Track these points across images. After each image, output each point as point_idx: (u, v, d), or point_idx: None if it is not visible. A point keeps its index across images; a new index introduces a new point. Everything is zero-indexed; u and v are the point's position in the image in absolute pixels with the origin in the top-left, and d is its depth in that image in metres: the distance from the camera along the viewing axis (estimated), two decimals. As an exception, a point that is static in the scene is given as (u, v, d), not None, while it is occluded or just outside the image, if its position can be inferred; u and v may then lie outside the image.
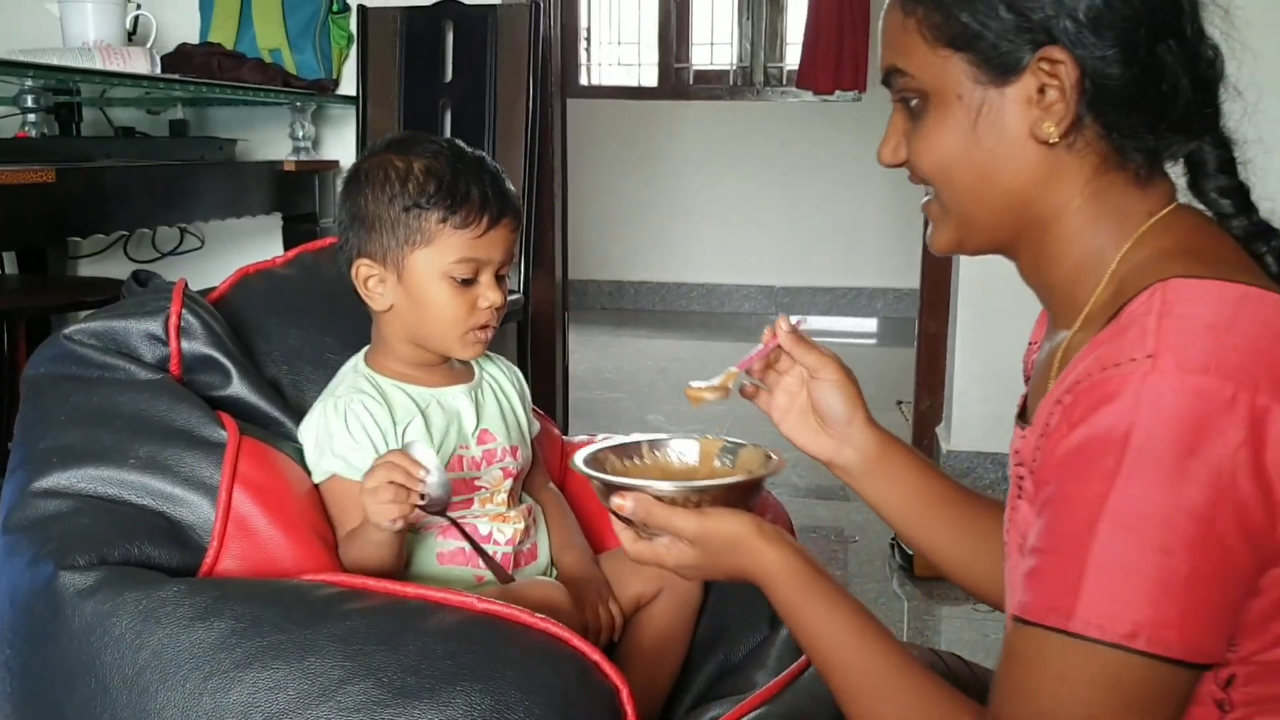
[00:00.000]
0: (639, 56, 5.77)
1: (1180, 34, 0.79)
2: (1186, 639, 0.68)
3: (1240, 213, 0.83)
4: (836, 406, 1.01)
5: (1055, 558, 0.71)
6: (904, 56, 0.84)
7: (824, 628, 0.86)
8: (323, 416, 1.16)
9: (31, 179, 1.77)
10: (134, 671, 0.90)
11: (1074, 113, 0.79)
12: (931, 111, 0.84)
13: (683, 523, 0.89)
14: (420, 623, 0.93)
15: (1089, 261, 0.82)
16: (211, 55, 2.68)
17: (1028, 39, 0.79)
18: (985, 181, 0.83)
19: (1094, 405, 0.71)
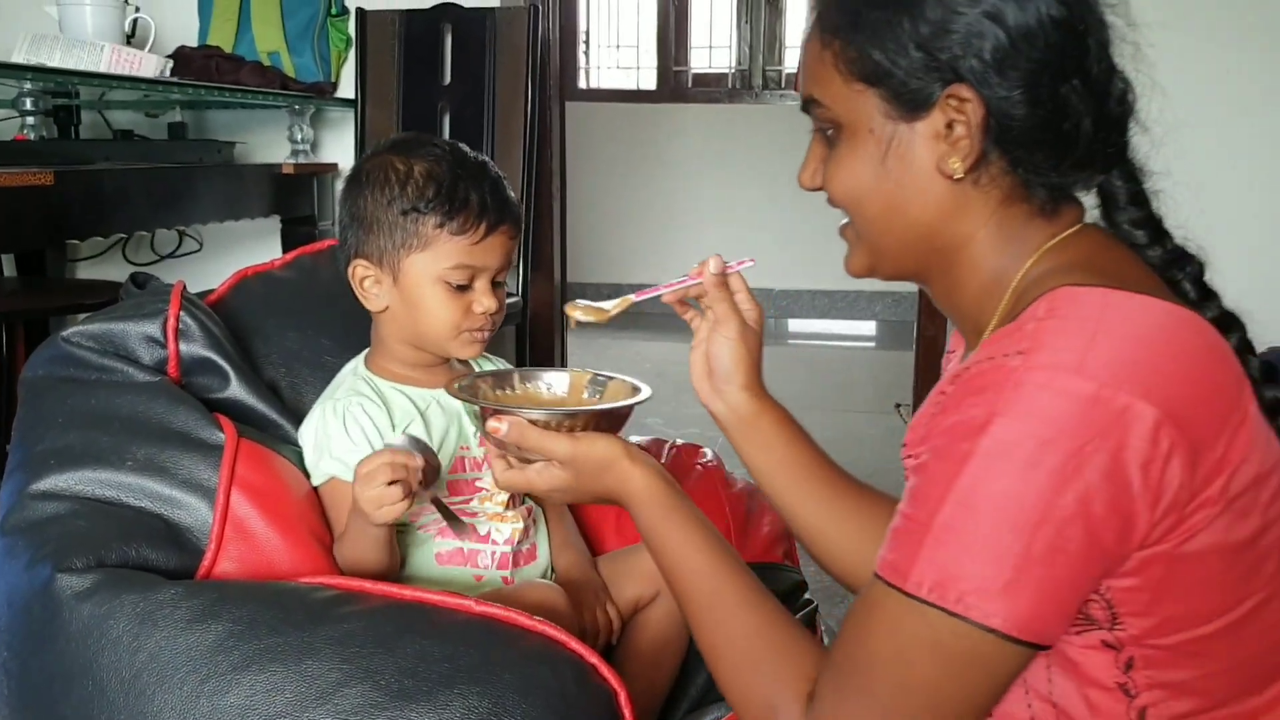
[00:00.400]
0: (638, 59, 5.78)
1: (1085, 74, 0.81)
2: (1009, 613, 0.71)
3: (1154, 243, 0.86)
4: (722, 361, 1.04)
5: (909, 523, 0.75)
6: (820, 87, 0.87)
7: (679, 551, 0.91)
8: (321, 419, 1.16)
9: (30, 181, 1.77)
10: (131, 674, 0.90)
11: (979, 150, 0.82)
12: (844, 142, 0.87)
13: (555, 445, 0.94)
14: (418, 625, 0.93)
15: (992, 286, 0.86)
16: (210, 58, 2.68)
17: (936, 77, 0.81)
18: (893, 212, 0.86)
19: (966, 394, 0.75)
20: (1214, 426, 0.73)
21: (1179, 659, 0.77)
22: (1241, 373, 0.77)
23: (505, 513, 1.20)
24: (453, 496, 1.18)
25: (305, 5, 2.86)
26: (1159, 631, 0.76)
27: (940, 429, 0.75)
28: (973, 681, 0.74)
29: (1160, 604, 0.75)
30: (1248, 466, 0.74)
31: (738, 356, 1.04)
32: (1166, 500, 0.72)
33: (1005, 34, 0.79)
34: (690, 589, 0.90)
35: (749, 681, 0.85)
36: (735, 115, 5.54)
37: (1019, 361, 0.73)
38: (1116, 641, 0.77)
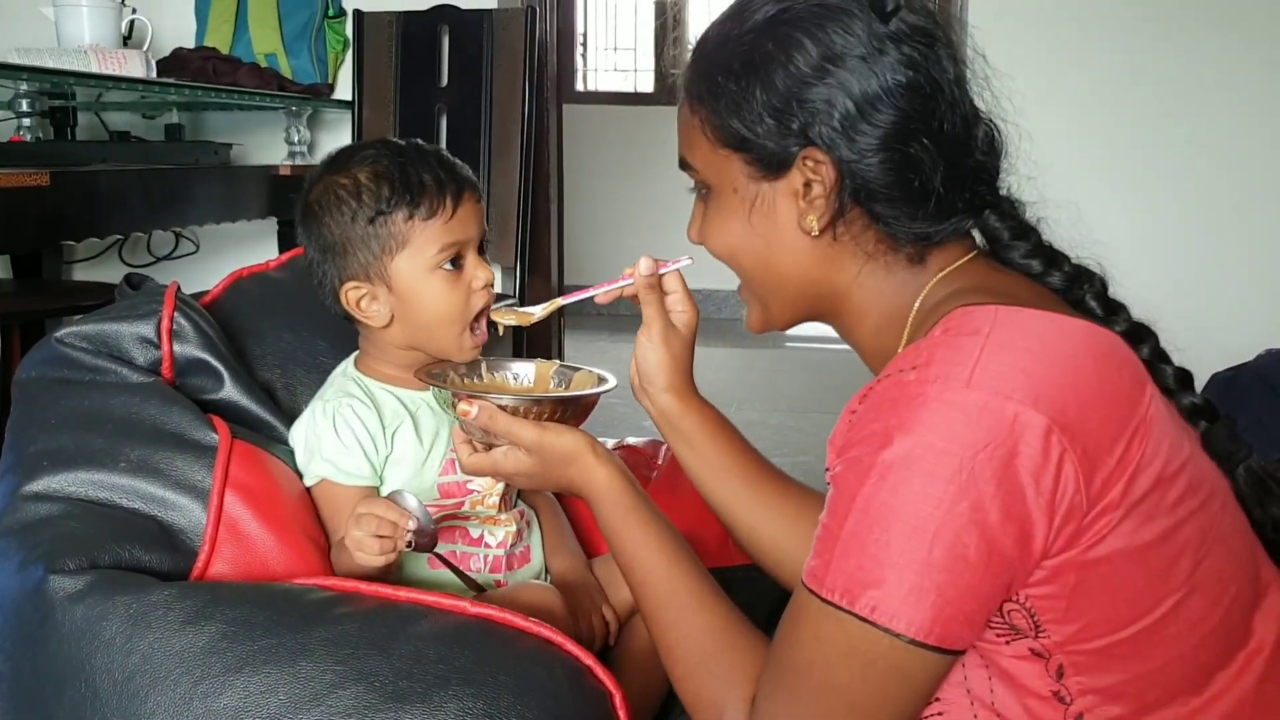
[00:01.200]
0: (635, 62, 5.78)
1: (934, 133, 0.83)
2: (915, 619, 0.73)
3: (1050, 268, 0.88)
4: (646, 364, 1.06)
5: (825, 532, 0.78)
6: (690, 151, 0.91)
7: (637, 550, 0.94)
8: (311, 420, 1.16)
9: (25, 182, 1.76)
10: (124, 676, 0.89)
11: (832, 209, 0.85)
12: (714, 201, 0.91)
13: (522, 432, 0.96)
14: (412, 627, 0.93)
15: (886, 322, 0.89)
16: (207, 59, 2.68)
17: (792, 141, 0.84)
18: (767, 268, 0.90)
19: (869, 410, 0.78)
20: (1109, 433, 0.74)
21: (1106, 663, 0.78)
22: (1143, 377, 0.79)
23: (498, 515, 1.19)
24: (444, 499, 1.17)
25: (302, 7, 2.86)
26: (1081, 637, 0.77)
27: (851, 442, 0.78)
28: (889, 686, 0.76)
29: (1078, 610, 0.77)
30: (1149, 470, 0.75)
31: (660, 360, 1.06)
32: (1063, 507, 0.73)
33: (852, 101, 0.82)
34: (646, 587, 0.93)
35: (701, 681, 0.88)
36: (733, 118, 5.54)
37: (914, 376, 0.76)
38: (1044, 649, 0.78)
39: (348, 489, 1.13)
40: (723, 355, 4.67)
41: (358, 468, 1.13)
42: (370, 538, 1.02)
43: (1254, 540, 0.85)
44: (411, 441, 1.16)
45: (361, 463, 1.13)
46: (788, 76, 0.83)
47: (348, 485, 1.13)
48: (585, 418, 1.02)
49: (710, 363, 4.51)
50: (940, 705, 0.83)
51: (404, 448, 1.16)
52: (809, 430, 3.56)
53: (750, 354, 4.77)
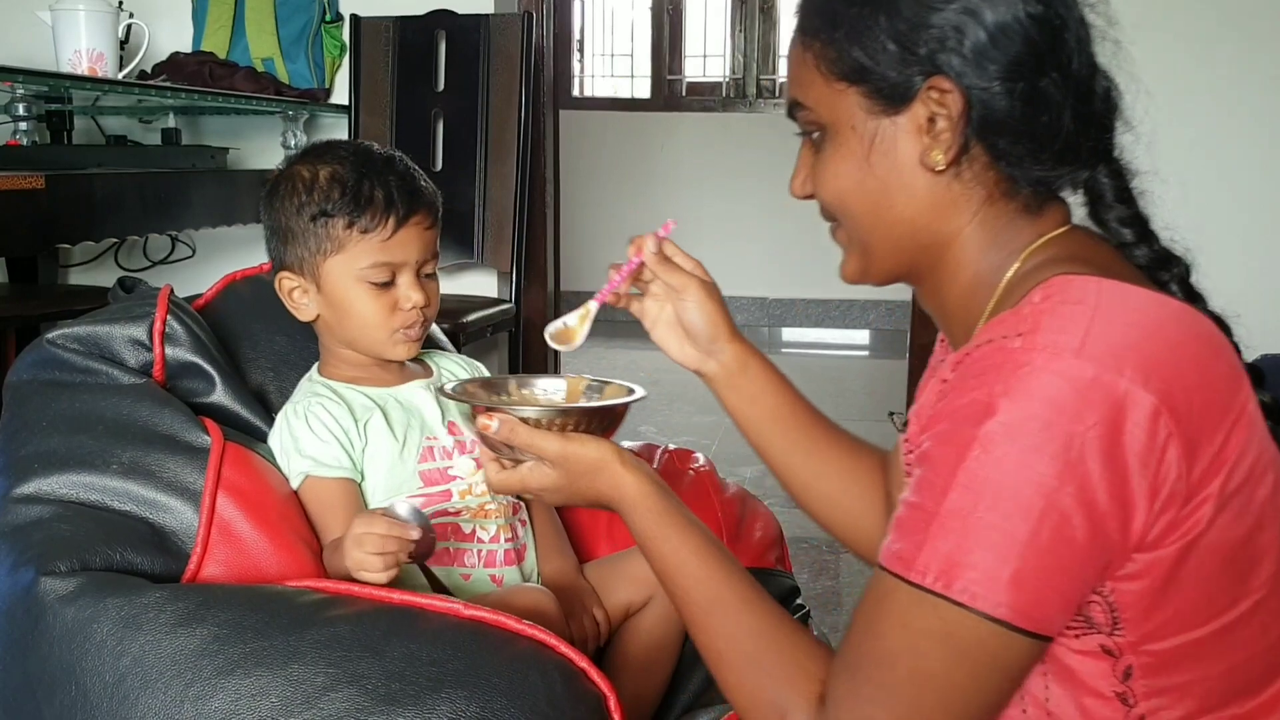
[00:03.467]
0: (632, 68, 5.78)
1: (1063, 68, 0.82)
2: (1015, 603, 0.71)
3: (1141, 241, 0.86)
4: (698, 324, 1.05)
5: (914, 512, 0.75)
6: (803, 90, 0.87)
7: (676, 555, 0.90)
8: (285, 424, 1.17)
9: (20, 186, 1.76)
10: (115, 678, 0.89)
11: (960, 141, 0.82)
12: (829, 143, 0.87)
13: (546, 444, 0.93)
14: (405, 629, 0.93)
15: (980, 283, 0.86)
16: (204, 64, 2.68)
17: (916, 70, 0.81)
18: (880, 210, 0.86)
19: (967, 379, 0.74)
20: (1211, 420, 0.72)
21: (1176, 662, 0.76)
22: (1239, 368, 0.77)
23: (488, 505, 1.19)
24: (428, 487, 1.18)
25: (299, 12, 2.86)
26: (1156, 636, 0.75)
27: (944, 413, 0.75)
28: (983, 673, 0.73)
29: (1159, 605, 0.75)
30: (1243, 464, 0.73)
31: (710, 314, 1.05)
32: (1164, 493, 0.71)
33: (983, 29, 0.80)
34: (689, 594, 0.89)
35: (756, 684, 0.84)
36: (729, 124, 5.55)
37: (1019, 343, 0.72)
38: (1115, 648, 0.76)
39: (331, 482, 1.14)
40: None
41: (337, 459, 1.14)
42: (372, 557, 1.01)
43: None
44: (384, 432, 1.17)
45: (340, 454, 1.14)
46: (915, 3, 0.80)
47: (330, 478, 1.14)
48: (613, 430, 0.98)
49: (707, 369, 4.52)
50: None
51: (378, 439, 1.17)
52: (805, 436, 3.56)
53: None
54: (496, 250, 2.66)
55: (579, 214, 5.07)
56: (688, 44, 5.71)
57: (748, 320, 5.52)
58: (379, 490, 1.17)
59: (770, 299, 5.53)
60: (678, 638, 1.25)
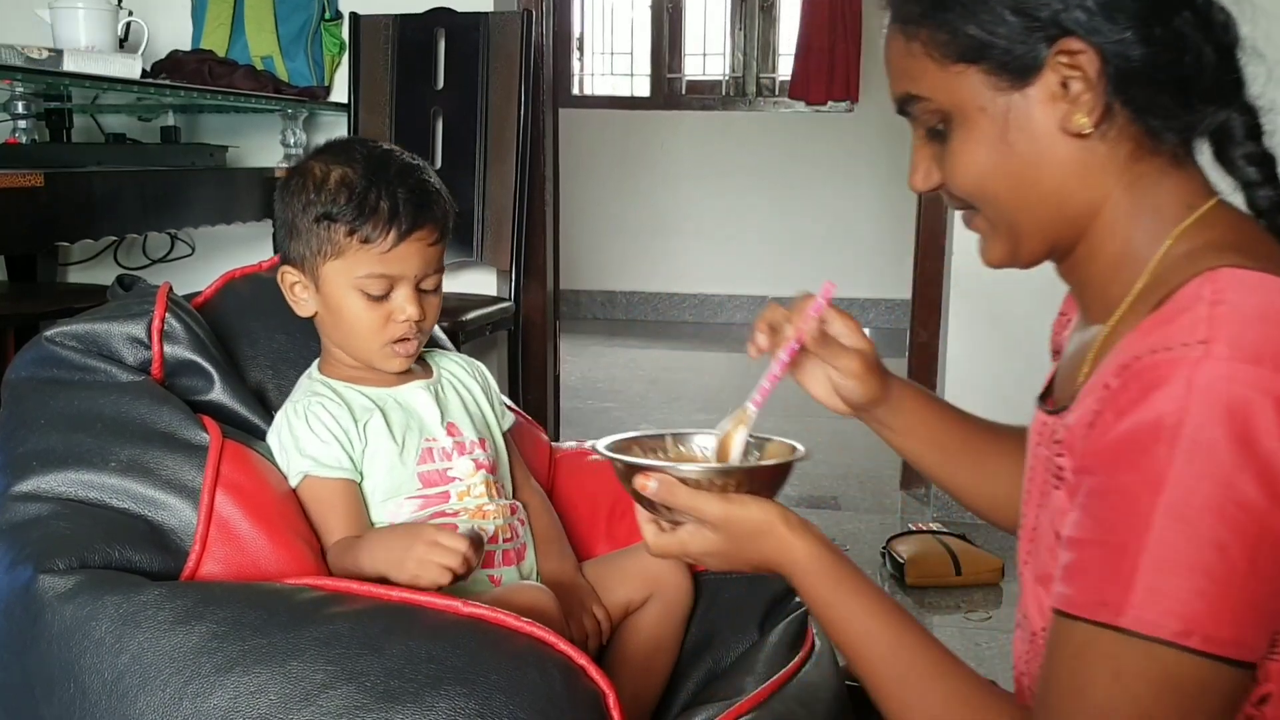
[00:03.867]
0: (632, 66, 5.78)
1: (1193, 4, 0.78)
2: (1239, 637, 0.67)
3: (1266, 182, 0.81)
4: (855, 396, 1.02)
5: (1104, 551, 0.69)
6: (915, 81, 0.83)
7: (860, 622, 0.85)
8: (285, 422, 1.16)
9: (19, 183, 1.76)
10: (113, 676, 0.89)
11: (1104, 100, 0.78)
12: (957, 130, 0.83)
13: (707, 506, 0.87)
14: (404, 626, 0.92)
15: (1126, 256, 0.81)
16: (203, 62, 2.68)
17: (1040, 36, 0.77)
18: (1025, 188, 0.82)
19: (1144, 390, 0.69)
20: None
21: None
22: None
23: (486, 506, 1.19)
24: (426, 489, 1.18)
25: (299, 10, 2.85)
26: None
27: (1119, 433, 0.70)
28: (1210, 715, 0.68)
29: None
30: None
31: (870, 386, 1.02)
32: None
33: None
34: (876, 662, 0.84)
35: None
36: (729, 123, 5.55)
37: (1200, 352, 0.68)
38: (1263, 675, 0.72)
39: (331, 482, 1.14)
40: (717, 360, 4.67)
41: (337, 460, 1.13)
42: (438, 567, 1.01)
43: None
44: (384, 433, 1.16)
45: (340, 455, 1.14)
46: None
47: (330, 478, 1.14)
48: (777, 490, 0.93)
49: (704, 367, 4.51)
50: None
51: (378, 440, 1.16)
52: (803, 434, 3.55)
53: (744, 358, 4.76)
54: (496, 248, 2.66)
55: (578, 212, 5.08)
56: (687, 42, 5.70)
57: (746, 319, 5.52)
58: (378, 491, 1.16)
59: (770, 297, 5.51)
60: (676, 635, 1.25)
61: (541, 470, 1.39)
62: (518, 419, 1.38)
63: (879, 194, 5.30)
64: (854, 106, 5.27)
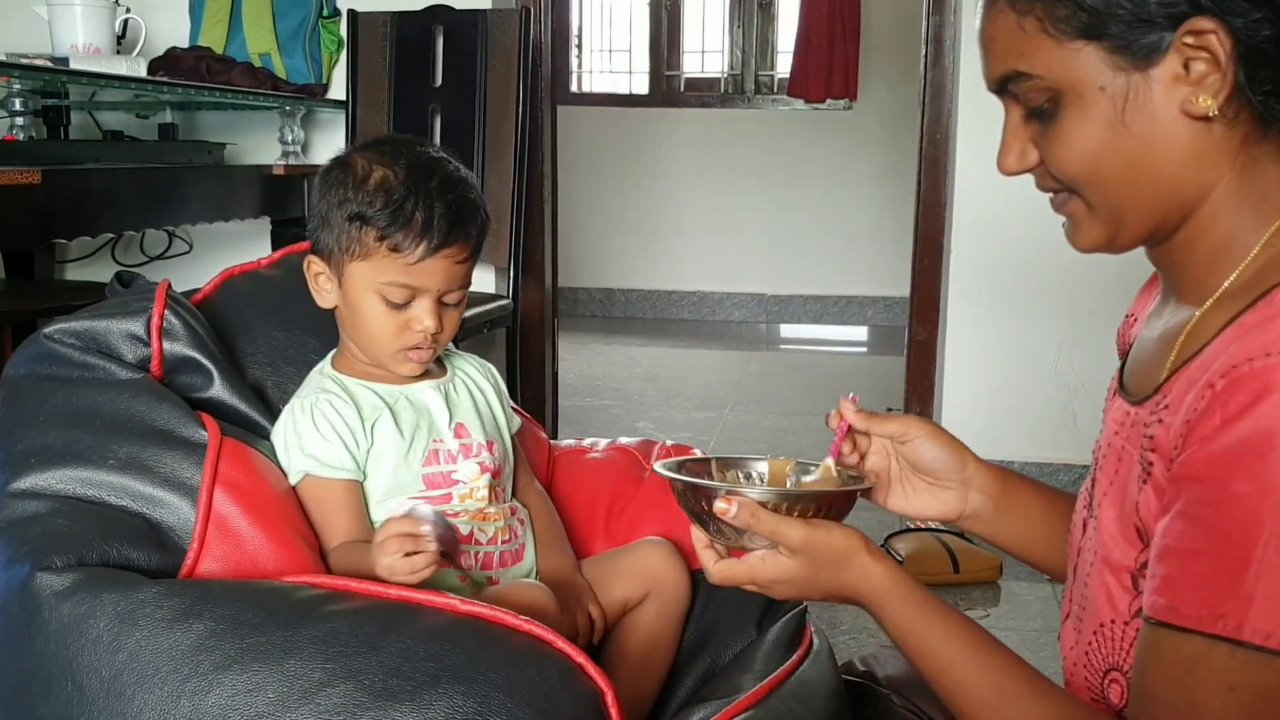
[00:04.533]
0: (630, 64, 5.78)
1: None
2: None
3: None
4: (941, 458, 0.99)
5: (1219, 561, 0.68)
6: (1025, 58, 0.80)
7: (947, 647, 0.84)
8: (290, 418, 1.16)
9: (16, 180, 1.76)
10: (111, 674, 0.88)
11: (1233, 82, 0.75)
12: (1069, 109, 0.80)
13: (789, 531, 0.86)
14: (402, 624, 0.92)
15: (1229, 244, 0.80)
16: (201, 59, 2.68)
17: (1167, 14, 0.75)
18: (1138, 170, 0.79)
19: (1255, 397, 0.68)
20: None
21: None
22: None
23: (487, 509, 1.19)
24: (430, 490, 1.17)
25: (297, 7, 2.85)
26: None
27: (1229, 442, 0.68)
28: None
29: None
30: None
31: (949, 442, 1.00)
32: None
33: None
34: (968, 689, 0.83)
35: None
36: (727, 120, 5.54)
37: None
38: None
39: (332, 483, 1.13)
40: (716, 357, 4.67)
41: (340, 461, 1.13)
42: (400, 560, 1.00)
43: None
44: (392, 433, 1.16)
45: (344, 455, 1.13)
46: None
47: (332, 479, 1.13)
48: (845, 515, 0.92)
49: (704, 364, 4.51)
50: None
51: (385, 440, 1.16)
52: (802, 432, 3.56)
53: (744, 356, 4.77)
54: (494, 246, 2.66)
55: (577, 210, 5.07)
56: (686, 40, 5.70)
57: (745, 317, 5.53)
58: (380, 490, 1.16)
59: (768, 295, 5.53)
60: (675, 634, 1.25)
61: (540, 468, 1.39)
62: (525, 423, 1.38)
63: (877, 191, 5.30)
64: (852, 104, 5.27)
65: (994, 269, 2.78)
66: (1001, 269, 2.76)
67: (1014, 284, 2.78)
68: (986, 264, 2.78)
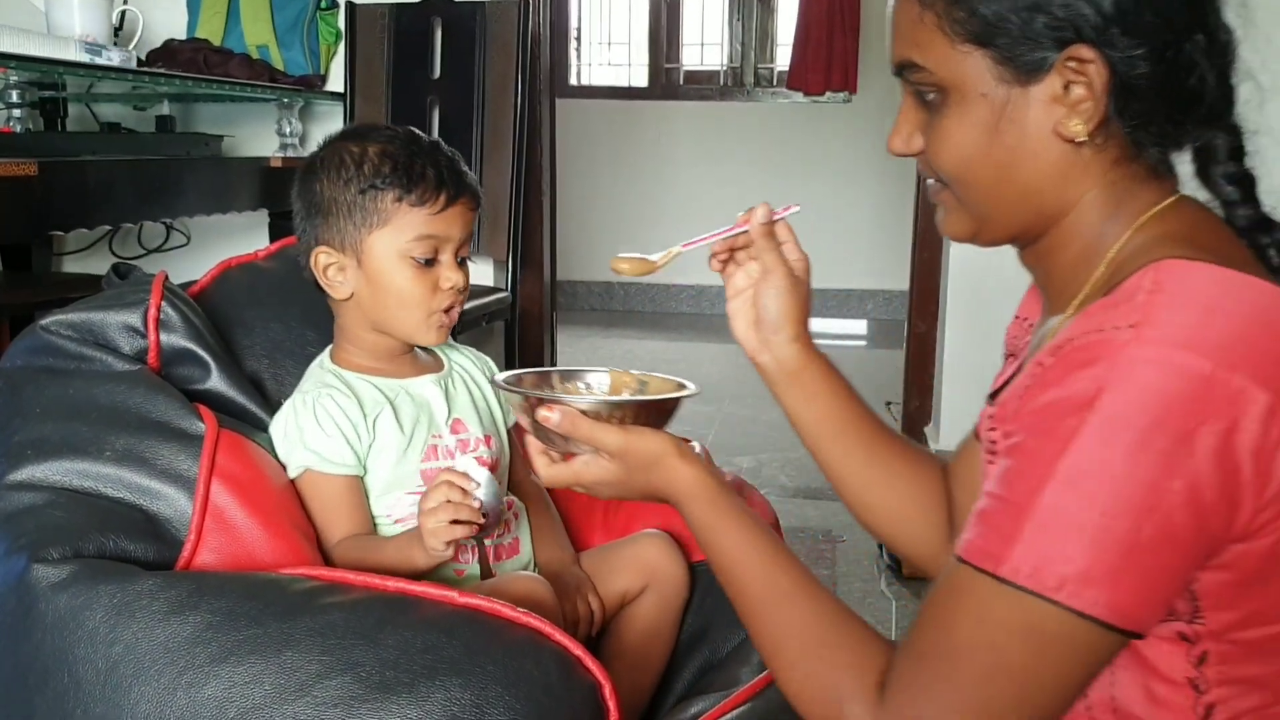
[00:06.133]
0: (629, 57, 5.77)
1: (1207, 28, 0.78)
2: (1111, 601, 0.69)
3: (1245, 201, 0.82)
4: (771, 311, 1.03)
5: (1002, 505, 0.72)
6: (921, 51, 0.83)
7: (735, 547, 0.89)
8: (292, 412, 1.16)
9: (14, 172, 1.75)
10: (107, 666, 0.88)
11: (1104, 111, 0.78)
12: (951, 107, 0.82)
13: (606, 436, 0.92)
14: (400, 617, 0.92)
15: (1090, 250, 0.82)
16: (199, 51, 2.67)
17: (1053, 37, 0.77)
18: (1005, 179, 0.82)
19: (1070, 367, 0.71)
20: None
21: (1255, 654, 0.75)
22: None
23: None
24: (426, 485, 1.17)
25: (294, -1, 2.84)
26: (1241, 626, 0.74)
27: (1040, 404, 0.72)
28: (1065, 669, 0.71)
29: (1246, 598, 0.73)
30: None
31: (787, 307, 1.02)
32: (1271, 490, 0.69)
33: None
34: (747, 584, 0.88)
35: (812, 671, 0.82)
36: (727, 113, 5.53)
37: (1129, 335, 0.70)
38: (1193, 635, 0.75)
39: (333, 478, 1.13)
40: (716, 351, 4.66)
41: (341, 456, 1.13)
42: (444, 526, 1.02)
43: None
44: (393, 428, 1.16)
45: (345, 451, 1.13)
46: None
47: (333, 474, 1.13)
48: (666, 423, 0.97)
49: (702, 358, 4.51)
50: None
51: (386, 435, 1.16)
52: (802, 426, 3.56)
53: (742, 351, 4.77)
54: (492, 239, 2.65)
55: (575, 203, 5.07)
56: (685, 32, 5.69)
57: (744, 310, 5.52)
58: (378, 485, 1.16)
59: (767, 289, 5.52)
60: (673, 626, 1.25)
61: (538, 460, 1.38)
62: (515, 411, 1.38)
63: (877, 184, 5.30)
64: (852, 97, 5.26)
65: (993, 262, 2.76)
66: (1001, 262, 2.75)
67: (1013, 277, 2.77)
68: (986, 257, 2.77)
